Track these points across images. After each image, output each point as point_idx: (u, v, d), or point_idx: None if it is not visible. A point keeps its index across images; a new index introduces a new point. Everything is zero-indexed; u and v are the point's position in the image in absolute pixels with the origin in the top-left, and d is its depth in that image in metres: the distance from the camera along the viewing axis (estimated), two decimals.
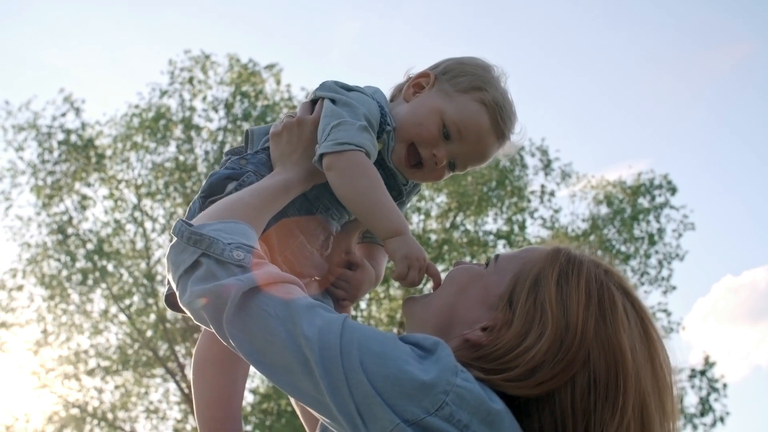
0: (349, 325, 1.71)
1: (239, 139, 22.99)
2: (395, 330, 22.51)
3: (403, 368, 1.63)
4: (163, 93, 23.84)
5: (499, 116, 2.34)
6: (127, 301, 23.32)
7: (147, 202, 23.73)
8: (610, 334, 1.80)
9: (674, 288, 25.03)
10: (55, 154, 23.13)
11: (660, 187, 25.45)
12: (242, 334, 1.77)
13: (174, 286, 1.96)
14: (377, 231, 2.13)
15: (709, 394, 24.02)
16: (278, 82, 24.45)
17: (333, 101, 2.27)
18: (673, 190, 25.35)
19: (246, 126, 23.73)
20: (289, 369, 1.71)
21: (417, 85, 2.41)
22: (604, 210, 25.44)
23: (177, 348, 23.28)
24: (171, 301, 2.26)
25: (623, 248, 24.89)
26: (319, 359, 1.66)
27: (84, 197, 23.37)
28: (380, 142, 2.27)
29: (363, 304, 23.23)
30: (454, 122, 2.30)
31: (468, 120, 2.31)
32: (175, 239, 1.97)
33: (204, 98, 24.05)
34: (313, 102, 2.35)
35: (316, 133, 2.24)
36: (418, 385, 1.62)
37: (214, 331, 1.85)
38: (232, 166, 2.34)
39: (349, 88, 2.33)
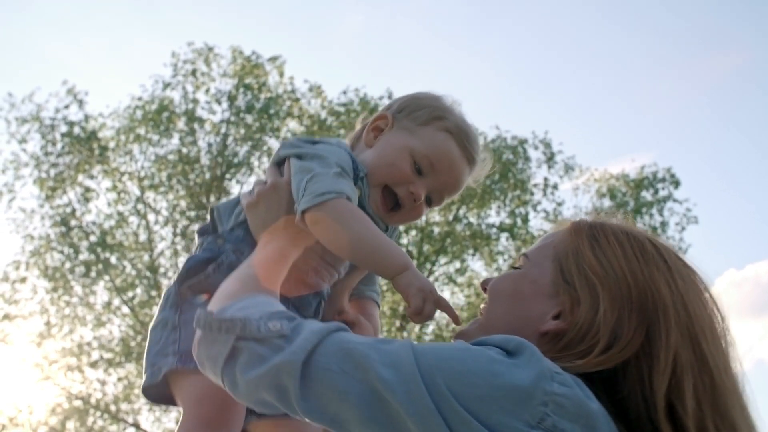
0: (420, 351, 1.62)
1: (242, 131, 23.04)
2: (397, 322, 22.54)
3: (494, 383, 1.56)
4: (166, 85, 23.84)
5: (465, 140, 2.33)
6: (130, 293, 23.36)
7: (150, 195, 23.76)
8: (652, 272, 1.85)
9: None
10: (58, 146, 23.14)
11: (663, 180, 25.43)
12: (316, 406, 1.65)
13: (218, 381, 1.81)
14: (383, 271, 2.03)
15: None
16: (281, 75, 24.44)
17: (299, 157, 2.18)
18: (677, 184, 25.33)
19: (249, 119, 23.74)
20: (375, 421, 1.59)
21: (376, 128, 2.38)
22: (607, 203, 25.41)
23: None
24: (150, 393, 2.24)
25: None
26: (403, 399, 1.56)
27: (87, 189, 23.40)
28: (357, 188, 2.19)
29: None
30: (424, 155, 2.27)
31: (437, 150, 2.29)
32: (200, 333, 1.84)
33: (207, 90, 24.05)
34: (278, 164, 2.27)
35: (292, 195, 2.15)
36: (515, 397, 1.55)
37: (286, 411, 1.71)
38: (209, 247, 2.27)
39: (313, 141, 2.25)
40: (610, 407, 1.69)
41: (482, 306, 2.10)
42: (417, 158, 2.27)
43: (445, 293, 24.80)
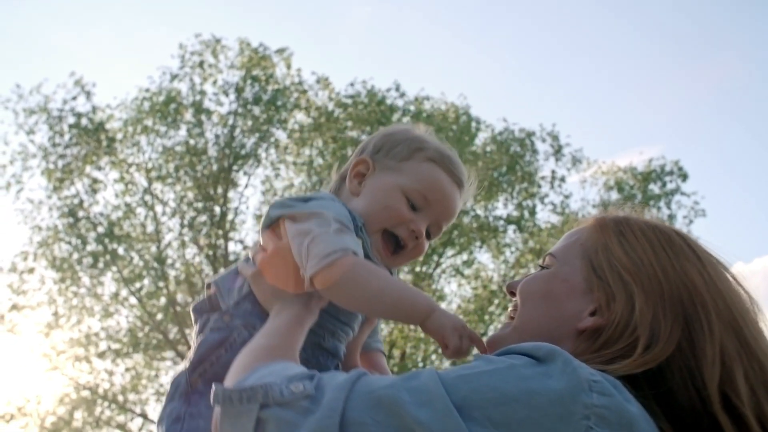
0: (449, 382, 1.57)
1: (250, 123, 23.03)
2: None
3: (531, 403, 1.52)
4: (174, 77, 23.85)
5: (450, 165, 2.29)
6: (138, 284, 23.40)
7: (157, 186, 23.77)
8: (683, 264, 1.85)
9: None
10: (66, 137, 23.16)
11: (671, 173, 25.39)
12: None
13: None
14: (409, 319, 1.94)
15: None
16: (288, 67, 24.43)
17: (294, 219, 2.08)
18: (684, 177, 25.29)
19: (256, 110, 23.73)
20: None
21: (358, 175, 2.30)
22: (614, 196, 25.37)
23: (187, 331, 23.34)
24: None
25: None
26: None
27: (95, 181, 23.42)
28: (358, 238, 2.10)
29: None
30: (415, 190, 2.22)
31: (427, 182, 2.24)
32: (220, 408, 1.70)
33: (214, 82, 24.06)
34: (270, 226, 2.17)
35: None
36: (555, 415, 1.51)
37: None
38: (217, 326, 2.14)
39: (305, 199, 2.15)
40: (655, 406, 1.68)
41: (510, 309, 2.08)
42: (410, 195, 2.22)
43: (452, 285, 24.83)
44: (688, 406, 1.70)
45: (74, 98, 23.33)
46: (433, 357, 23.72)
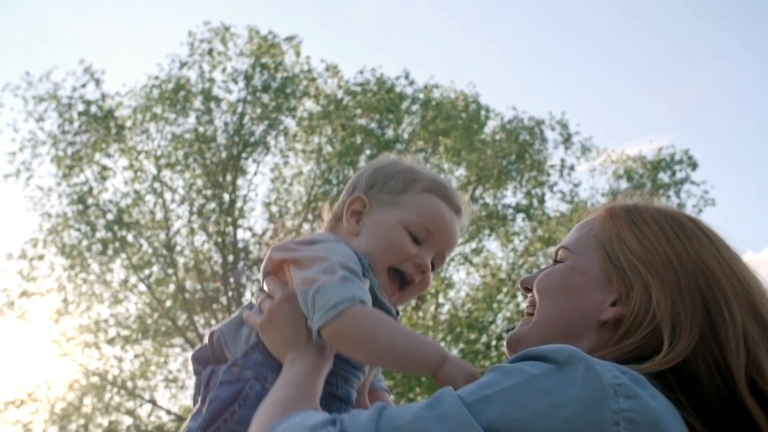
0: (472, 405, 1.54)
1: (258, 111, 23.03)
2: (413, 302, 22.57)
3: (560, 416, 1.50)
4: (183, 64, 23.86)
5: (447, 194, 2.25)
6: (147, 271, 23.47)
7: (166, 173, 23.81)
8: (697, 249, 1.84)
9: None
10: (75, 124, 23.21)
11: (680, 162, 25.32)
12: None
13: None
14: (421, 371, 1.87)
15: None
16: (297, 54, 24.41)
17: (298, 263, 2.01)
18: (694, 166, 25.22)
19: (265, 98, 23.71)
20: None
21: (354, 213, 2.23)
22: (623, 185, 25.32)
23: (196, 318, 23.44)
24: None
25: None
26: None
27: (104, 168, 23.47)
28: (366, 279, 2.05)
29: None
30: (417, 224, 2.17)
31: (427, 213, 2.19)
32: None
33: (223, 70, 24.06)
34: (272, 271, 2.11)
35: None
36: (585, 425, 1.50)
37: None
38: (227, 379, 2.03)
39: (308, 242, 2.08)
40: (681, 396, 1.67)
41: (527, 305, 2.06)
42: (412, 229, 2.17)
43: (461, 273, 24.84)
44: (715, 394, 1.69)
45: (83, 86, 23.37)
46: (441, 345, 23.73)
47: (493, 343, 23.59)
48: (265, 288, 2.12)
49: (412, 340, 1.87)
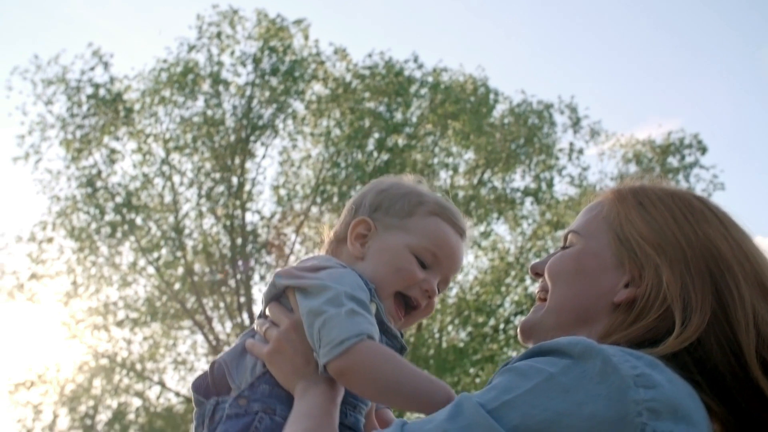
0: (495, 411, 1.52)
1: (267, 94, 23.02)
2: None
3: (583, 414, 1.48)
4: (191, 48, 23.84)
5: (452, 216, 2.21)
6: (156, 254, 23.54)
7: (175, 156, 23.83)
8: (705, 229, 1.83)
9: None
10: (84, 108, 23.24)
11: (690, 146, 25.24)
12: None
13: None
14: (427, 410, 1.79)
15: None
16: (306, 38, 24.36)
17: (304, 291, 1.96)
18: (703, 150, 25.14)
19: (274, 81, 23.69)
20: None
21: (359, 236, 2.18)
22: (633, 169, 25.26)
23: (205, 301, 23.51)
24: None
25: None
26: None
27: (112, 151, 23.51)
28: (372, 304, 2.01)
29: None
30: (424, 248, 2.13)
31: (434, 238, 2.15)
32: None
33: (232, 53, 24.04)
34: (277, 296, 2.07)
35: None
36: (610, 419, 1.48)
37: None
38: (234, 412, 1.95)
39: (314, 268, 2.02)
40: (698, 377, 1.66)
41: (539, 291, 2.04)
42: (419, 253, 2.13)
43: (469, 256, 24.83)
44: (729, 374, 1.69)
45: (92, 69, 23.38)
46: (450, 328, 23.79)
47: (501, 326, 23.63)
48: (269, 315, 2.07)
49: (418, 378, 1.83)
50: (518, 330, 2.01)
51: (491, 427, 1.48)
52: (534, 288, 2.12)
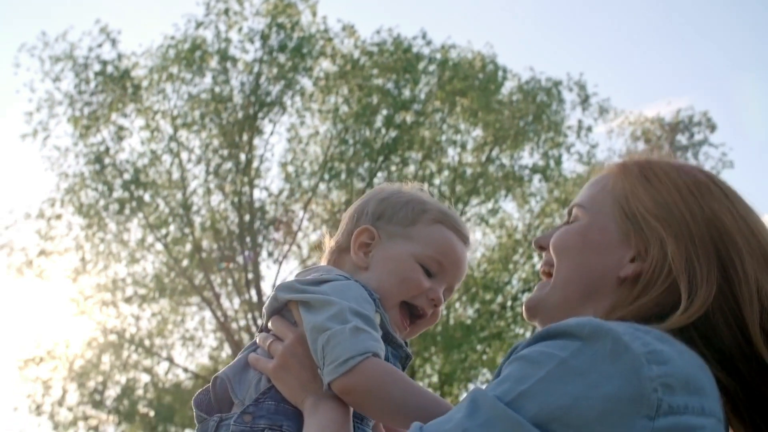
0: (513, 403, 1.49)
1: (275, 70, 22.97)
2: None
3: (599, 394, 1.47)
4: (199, 24, 23.76)
5: (455, 223, 2.21)
6: (164, 231, 23.59)
7: (183, 133, 23.82)
8: (710, 203, 1.81)
9: None
10: (92, 84, 23.22)
11: (699, 124, 25.17)
12: None
13: None
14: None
15: None
16: (314, 14, 24.25)
17: (307, 306, 1.93)
18: (713, 128, 25.07)
19: (282, 58, 23.62)
20: None
21: (362, 245, 2.16)
22: (641, 146, 25.19)
23: (213, 277, 23.57)
24: None
25: None
26: None
27: (120, 128, 23.51)
28: (377, 314, 1.98)
29: None
30: (429, 257, 2.12)
31: (439, 246, 2.14)
32: None
33: (240, 29, 23.95)
34: (279, 309, 2.05)
35: None
36: (627, 397, 1.47)
37: None
38: (240, 429, 1.90)
39: (317, 282, 1.99)
40: (705, 350, 1.66)
41: (542, 266, 2.01)
42: (424, 262, 2.12)
43: (477, 234, 24.83)
44: (735, 348, 1.69)
45: (100, 46, 23.33)
46: (457, 305, 23.82)
47: (509, 303, 23.67)
48: (272, 329, 2.04)
49: (424, 398, 1.82)
50: (523, 308, 1.98)
51: (512, 418, 1.46)
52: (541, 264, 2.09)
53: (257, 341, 2.07)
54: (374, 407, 1.85)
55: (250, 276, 23.24)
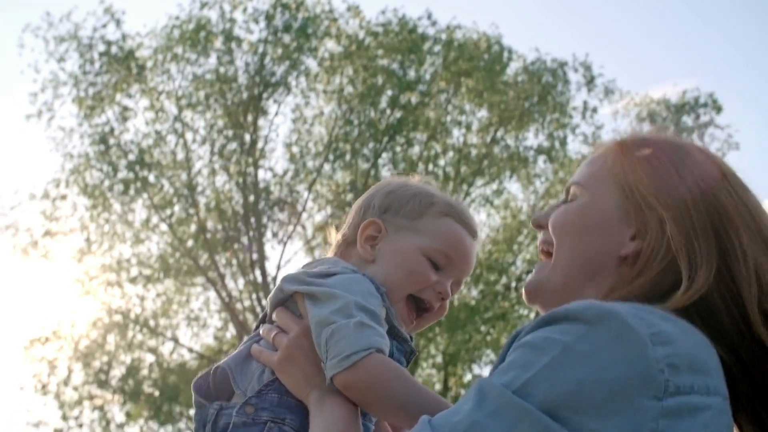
0: (521, 393, 1.47)
1: (280, 51, 22.93)
2: None
3: (606, 377, 1.46)
4: (204, 4, 23.70)
5: (463, 216, 2.20)
6: (168, 211, 23.62)
7: (187, 114, 23.82)
8: (707, 182, 1.80)
9: None
10: (96, 65, 23.20)
11: (705, 105, 25.05)
12: None
13: None
14: None
15: None
16: None
17: (312, 298, 1.91)
18: (719, 109, 24.96)
19: (286, 38, 23.57)
20: None
21: (369, 239, 2.15)
22: (646, 128, 25.06)
23: (217, 257, 23.62)
24: None
25: None
26: None
27: (125, 108, 23.50)
28: (383, 308, 1.97)
29: None
30: (437, 250, 2.11)
31: (447, 239, 2.13)
32: None
33: (244, 10, 23.89)
34: (284, 300, 2.03)
35: None
36: (635, 377, 1.46)
37: None
38: (241, 420, 1.88)
39: (324, 274, 1.98)
40: (705, 331, 1.64)
41: (541, 244, 1.99)
42: (432, 255, 2.10)
43: (482, 215, 24.87)
44: (734, 329, 1.68)
45: (104, 26, 23.29)
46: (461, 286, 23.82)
47: (513, 284, 23.70)
48: (276, 320, 2.03)
49: (426, 397, 1.80)
50: (524, 291, 1.96)
51: (520, 405, 1.45)
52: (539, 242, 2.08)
53: (261, 333, 2.05)
54: (376, 403, 1.83)
55: (255, 256, 23.28)
